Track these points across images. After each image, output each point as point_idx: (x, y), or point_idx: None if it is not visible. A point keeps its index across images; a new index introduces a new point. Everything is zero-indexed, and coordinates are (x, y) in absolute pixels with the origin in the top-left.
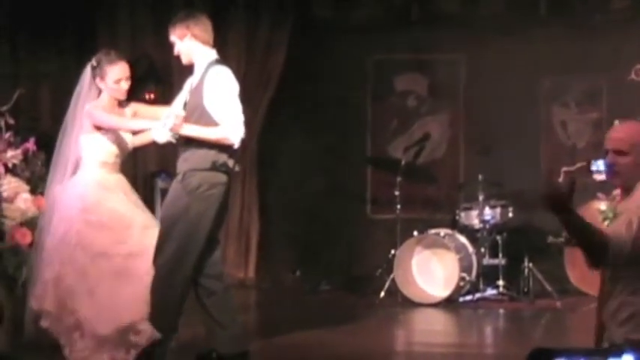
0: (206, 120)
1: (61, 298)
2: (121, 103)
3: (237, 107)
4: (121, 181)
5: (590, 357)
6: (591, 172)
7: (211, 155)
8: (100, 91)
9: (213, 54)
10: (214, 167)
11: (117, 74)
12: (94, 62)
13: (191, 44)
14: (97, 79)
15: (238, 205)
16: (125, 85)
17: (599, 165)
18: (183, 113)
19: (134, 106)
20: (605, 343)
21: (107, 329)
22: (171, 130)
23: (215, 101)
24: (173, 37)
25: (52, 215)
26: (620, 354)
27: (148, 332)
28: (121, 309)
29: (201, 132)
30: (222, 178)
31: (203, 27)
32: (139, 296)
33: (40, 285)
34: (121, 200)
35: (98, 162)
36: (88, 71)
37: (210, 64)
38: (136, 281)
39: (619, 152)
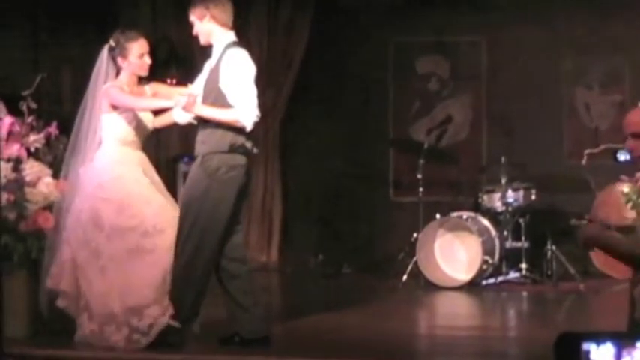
0: (222, 102)
1: (76, 278)
2: (141, 82)
3: (252, 90)
4: (142, 159)
5: (618, 340)
6: (618, 163)
7: (229, 137)
8: (118, 72)
9: (231, 36)
10: (232, 149)
11: (139, 49)
12: (112, 43)
13: (210, 25)
14: (119, 59)
15: (261, 188)
16: (148, 59)
17: (624, 154)
18: (197, 93)
19: (154, 86)
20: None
21: (113, 307)
22: (184, 109)
23: (230, 84)
24: (192, 18)
25: (73, 196)
26: None
27: (151, 317)
28: (131, 289)
29: (214, 113)
30: (241, 160)
31: (222, 8)
32: (150, 278)
33: (57, 264)
34: (139, 178)
35: (117, 140)
36: (104, 53)
37: (228, 47)
38: (150, 261)
39: (637, 136)
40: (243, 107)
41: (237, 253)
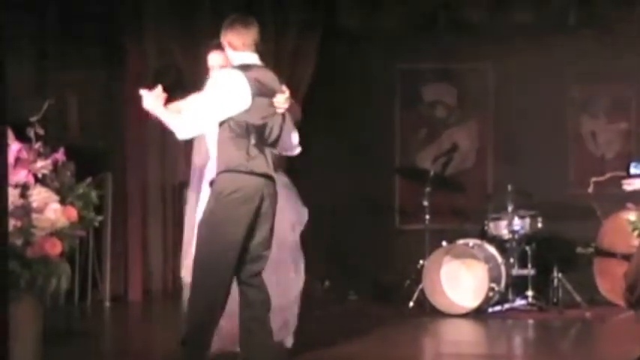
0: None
1: None
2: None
3: (203, 107)
4: None
5: None
6: (630, 176)
7: (232, 156)
8: None
9: (242, 58)
10: (236, 169)
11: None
12: None
13: (229, 52)
14: None
15: None
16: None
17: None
18: (161, 92)
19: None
20: None
21: None
22: (144, 104)
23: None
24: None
25: None
26: None
27: None
28: None
29: (164, 115)
30: (249, 180)
31: (235, 32)
32: None
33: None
34: None
35: None
36: None
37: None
38: None
39: None
40: (183, 118)
41: (254, 280)
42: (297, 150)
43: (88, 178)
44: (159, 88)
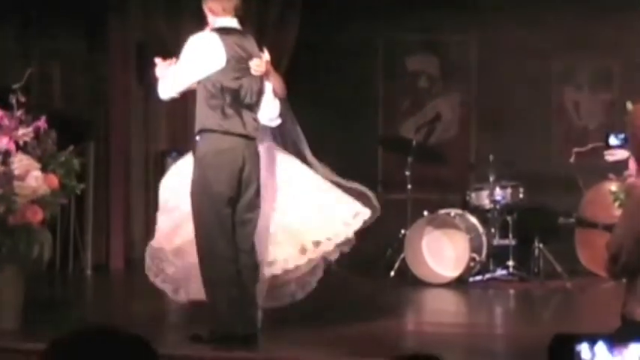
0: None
1: None
2: None
3: (178, 69)
4: None
5: (612, 342)
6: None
7: (212, 118)
8: None
9: (226, 22)
10: (217, 131)
11: None
12: None
13: (210, 17)
14: None
15: None
16: None
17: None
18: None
19: None
20: (623, 318)
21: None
22: (157, 72)
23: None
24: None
25: None
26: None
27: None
28: None
29: (160, 71)
30: (231, 142)
31: None
32: None
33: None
34: None
35: None
36: None
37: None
38: None
39: None
40: (165, 80)
41: (244, 244)
42: (277, 121)
43: (70, 146)
44: (172, 60)
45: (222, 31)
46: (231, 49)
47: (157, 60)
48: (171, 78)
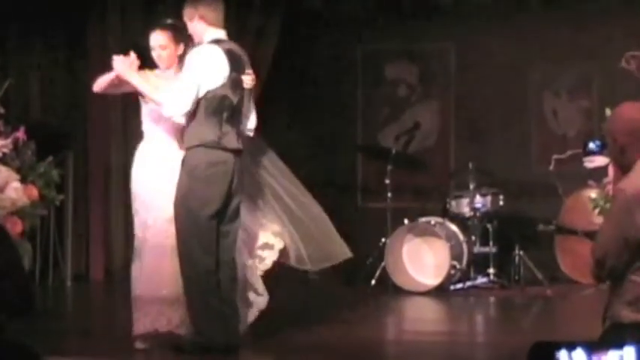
0: None
1: None
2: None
3: (187, 85)
4: None
5: (591, 348)
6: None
7: (205, 131)
8: None
9: (217, 34)
10: (210, 144)
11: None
12: None
13: (199, 26)
14: None
15: None
16: (155, 53)
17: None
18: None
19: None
20: (608, 320)
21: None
22: (115, 67)
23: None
24: (185, 19)
25: None
26: (621, 345)
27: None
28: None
29: (135, 79)
30: (222, 156)
31: (211, 8)
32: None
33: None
34: None
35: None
36: None
37: (205, 43)
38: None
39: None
40: (168, 95)
41: (225, 255)
42: (252, 132)
43: (50, 157)
44: (132, 55)
45: (219, 44)
46: (231, 63)
47: (115, 57)
48: (178, 94)
